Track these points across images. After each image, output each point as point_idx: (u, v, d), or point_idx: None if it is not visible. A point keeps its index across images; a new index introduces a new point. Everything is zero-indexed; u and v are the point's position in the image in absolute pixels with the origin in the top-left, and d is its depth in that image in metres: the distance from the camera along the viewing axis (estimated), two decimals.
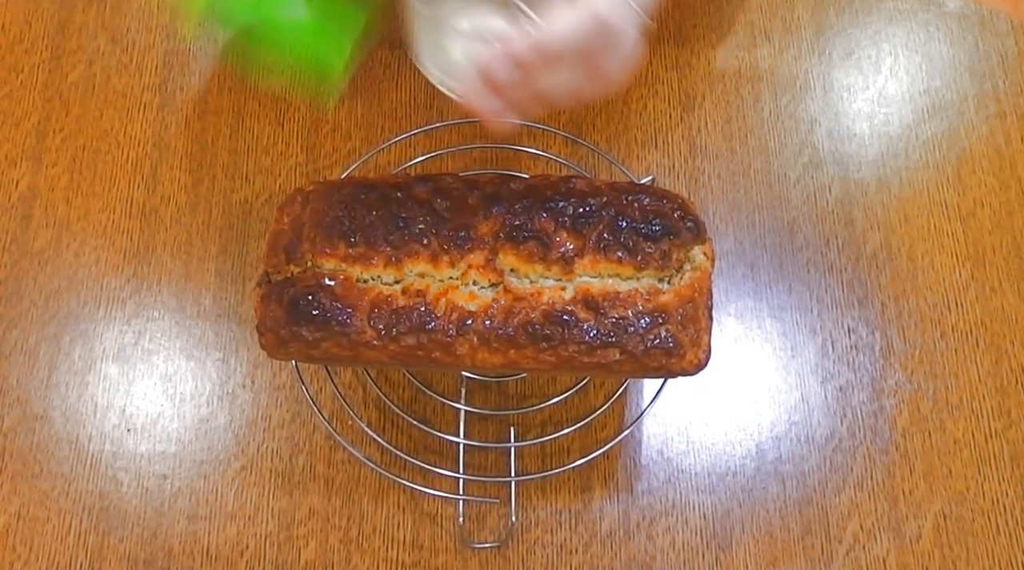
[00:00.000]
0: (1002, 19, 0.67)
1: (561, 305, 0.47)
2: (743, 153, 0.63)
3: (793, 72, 0.65)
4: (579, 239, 0.48)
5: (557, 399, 0.56)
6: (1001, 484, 0.55)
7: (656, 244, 0.48)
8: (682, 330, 0.46)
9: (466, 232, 0.48)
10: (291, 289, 0.47)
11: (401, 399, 0.57)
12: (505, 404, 0.57)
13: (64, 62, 0.64)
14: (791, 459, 0.56)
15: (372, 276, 0.48)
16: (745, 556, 0.54)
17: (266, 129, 0.63)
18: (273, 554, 0.54)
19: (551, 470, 0.55)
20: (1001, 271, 0.60)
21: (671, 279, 0.47)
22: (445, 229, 0.48)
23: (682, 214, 0.48)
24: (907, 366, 0.58)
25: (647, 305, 0.47)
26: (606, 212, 0.48)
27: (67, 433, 0.56)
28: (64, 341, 0.58)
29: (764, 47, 0.66)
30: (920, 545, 0.54)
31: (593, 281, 0.47)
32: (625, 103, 0.64)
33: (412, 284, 0.47)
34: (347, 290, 0.47)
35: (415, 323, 0.46)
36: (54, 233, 0.60)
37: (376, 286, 0.47)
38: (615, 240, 0.48)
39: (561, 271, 0.47)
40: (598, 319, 0.46)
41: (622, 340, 0.46)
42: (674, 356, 0.46)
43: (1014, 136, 0.63)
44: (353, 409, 0.55)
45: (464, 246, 0.48)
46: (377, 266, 0.48)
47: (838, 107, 0.64)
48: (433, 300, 0.47)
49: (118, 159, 0.62)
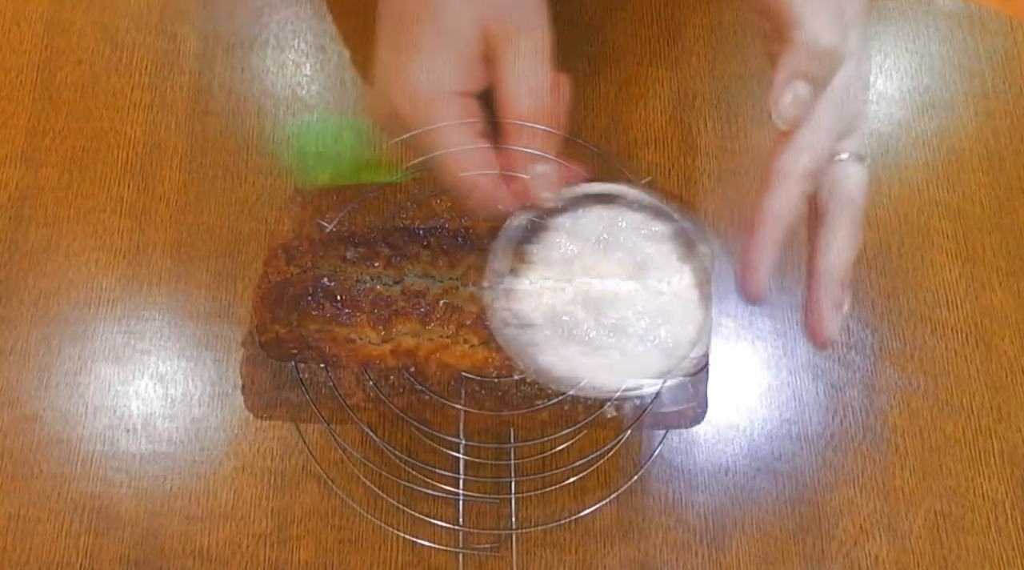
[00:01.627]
0: (994, 17, 0.67)
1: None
2: (736, 152, 0.63)
3: None
4: None
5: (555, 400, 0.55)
6: (993, 481, 0.56)
7: None
8: (679, 385, 0.46)
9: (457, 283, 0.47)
10: (277, 351, 0.46)
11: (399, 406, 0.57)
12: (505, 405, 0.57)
13: (56, 61, 0.64)
14: (785, 457, 0.56)
15: (360, 336, 0.46)
16: (739, 554, 0.54)
17: (259, 128, 0.63)
18: (269, 554, 0.54)
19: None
20: (993, 268, 0.60)
21: None
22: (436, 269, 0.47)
23: None
24: (900, 363, 0.58)
25: None
26: None
27: (60, 434, 0.56)
28: (57, 342, 0.58)
29: (757, 45, 0.66)
30: (914, 542, 0.54)
31: None
32: (621, 102, 0.64)
33: (401, 344, 0.46)
34: (335, 351, 0.46)
35: (406, 384, 0.46)
36: (47, 233, 0.60)
37: (365, 346, 0.46)
38: None
39: None
40: None
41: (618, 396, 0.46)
42: (672, 411, 0.46)
43: (1005, 133, 0.64)
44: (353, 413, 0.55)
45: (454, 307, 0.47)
46: (364, 326, 0.46)
47: None
48: (423, 359, 0.46)
49: (111, 159, 0.62)
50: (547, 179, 0.39)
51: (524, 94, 0.38)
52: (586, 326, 0.39)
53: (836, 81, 0.38)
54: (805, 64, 0.36)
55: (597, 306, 0.39)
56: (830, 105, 0.38)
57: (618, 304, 0.39)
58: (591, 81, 0.64)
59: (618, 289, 0.40)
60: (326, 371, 0.45)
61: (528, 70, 0.39)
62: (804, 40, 0.36)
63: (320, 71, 0.64)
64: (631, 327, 0.39)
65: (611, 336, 0.39)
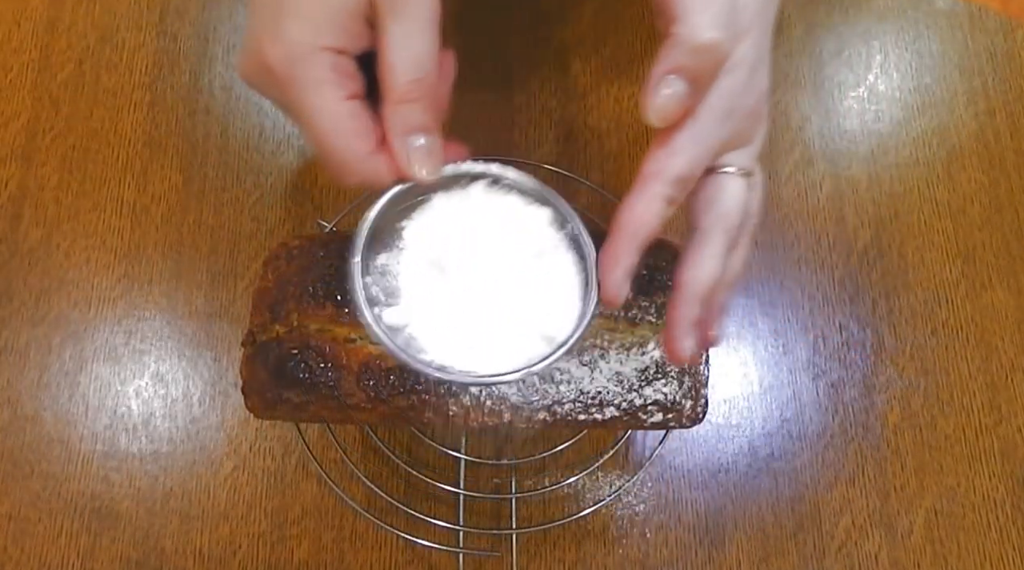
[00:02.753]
0: (991, 16, 0.67)
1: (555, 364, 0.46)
2: None
3: (783, 69, 0.65)
4: None
5: None
6: (992, 479, 0.56)
7: (650, 298, 0.47)
8: (679, 386, 0.46)
9: None
10: (277, 350, 0.46)
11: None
12: None
13: (53, 61, 0.64)
14: (783, 456, 0.56)
15: (360, 336, 0.46)
16: (738, 553, 0.54)
17: (257, 128, 0.63)
18: (267, 554, 0.54)
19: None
20: (991, 267, 0.60)
21: None
22: None
23: None
24: (898, 363, 0.58)
25: (642, 361, 0.46)
26: None
27: (58, 433, 0.56)
28: (55, 341, 0.58)
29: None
30: (911, 540, 0.54)
31: (586, 337, 0.46)
32: (619, 102, 0.64)
33: None
34: (335, 351, 0.46)
35: (406, 384, 0.46)
36: (44, 233, 0.60)
37: (365, 346, 0.46)
38: None
39: None
40: (592, 376, 0.46)
41: (617, 398, 0.46)
42: (671, 411, 0.46)
43: (1003, 132, 0.64)
44: None
45: None
46: None
47: (828, 104, 0.65)
48: None
49: (108, 158, 0.62)
50: (425, 153, 0.37)
51: (407, 61, 0.36)
52: (460, 309, 0.38)
53: (723, 89, 0.36)
54: (682, 60, 0.34)
55: (472, 290, 0.38)
56: (713, 112, 0.36)
57: (494, 288, 0.38)
58: (589, 82, 0.64)
59: (495, 273, 0.38)
60: (326, 371, 0.45)
61: (413, 38, 0.36)
62: (682, 35, 0.34)
63: None
64: (506, 312, 0.37)
65: (486, 321, 0.37)
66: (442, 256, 0.38)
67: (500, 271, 0.38)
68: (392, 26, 0.35)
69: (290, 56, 0.36)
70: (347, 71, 0.36)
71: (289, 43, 0.35)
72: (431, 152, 0.37)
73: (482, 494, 0.54)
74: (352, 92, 0.37)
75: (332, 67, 0.36)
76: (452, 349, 0.37)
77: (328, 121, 0.36)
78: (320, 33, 0.36)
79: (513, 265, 0.38)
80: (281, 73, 0.36)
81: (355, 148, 0.36)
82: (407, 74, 0.36)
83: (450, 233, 0.38)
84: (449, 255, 0.38)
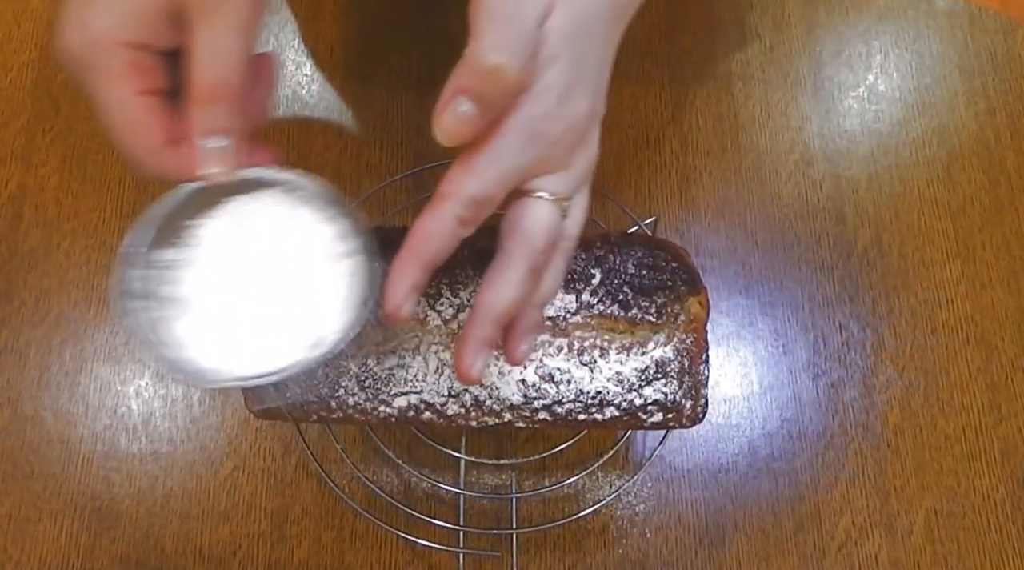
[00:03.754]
0: (991, 16, 0.67)
1: (555, 363, 0.46)
2: (734, 151, 0.63)
3: (784, 70, 0.65)
4: (571, 296, 0.47)
5: None
6: (992, 479, 0.56)
7: (650, 298, 0.47)
8: (679, 386, 0.46)
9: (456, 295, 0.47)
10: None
11: None
12: None
13: (53, 61, 0.64)
14: (783, 456, 0.56)
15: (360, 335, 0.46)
16: (738, 553, 0.54)
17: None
18: (266, 553, 0.54)
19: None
20: (991, 267, 0.60)
21: (666, 333, 0.47)
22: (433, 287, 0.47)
23: (676, 267, 0.48)
24: (898, 363, 0.58)
25: (642, 361, 0.46)
26: (599, 268, 0.48)
27: (58, 433, 0.56)
28: (55, 341, 0.58)
29: (755, 45, 0.66)
30: (911, 540, 0.54)
31: (587, 337, 0.47)
32: (617, 101, 0.64)
33: None
34: None
35: (407, 384, 0.46)
36: (44, 233, 0.60)
37: None
38: (608, 296, 0.47)
39: (554, 329, 0.47)
40: (592, 376, 0.46)
41: (617, 398, 0.46)
42: (671, 411, 0.46)
43: (1003, 133, 0.64)
44: None
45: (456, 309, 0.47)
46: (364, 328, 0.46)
47: (828, 104, 0.65)
48: (424, 362, 0.46)
49: (109, 158, 0.62)
50: (218, 155, 0.37)
51: (212, 64, 0.36)
52: (229, 311, 0.38)
53: (526, 114, 0.35)
54: (469, 81, 0.34)
55: (244, 293, 0.38)
56: (514, 137, 0.35)
57: (267, 294, 0.38)
58: None
59: (270, 279, 0.38)
60: (326, 371, 0.46)
61: (221, 41, 0.36)
62: (469, 56, 0.33)
63: (320, 71, 0.64)
64: (275, 318, 0.38)
65: (254, 324, 0.38)
66: (223, 258, 0.39)
67: (275, 277, 0.38)
68: (200, 27, 0.36)
69: (88, 44, 0.36)
70: (146, 66, 0.37)
71: (89, 32, 0.36)
72: (225, 154, 0.37)
73: (482, 494, 0.54)
74: (148, 87, 0.37)
75: (129, 61, 0.36)
76: (218, 350, 0.38)
77: (117, 113, 0.37)
78: (120, 26, 0.36)
79: (288, 272, 0.38)
80: (79, 60, 0.36)
81: (143, 142, 0.37)
82: (211, 76, 0.36)
83: (235, 236, 0.39)
84: (229, 258, 0.39)
